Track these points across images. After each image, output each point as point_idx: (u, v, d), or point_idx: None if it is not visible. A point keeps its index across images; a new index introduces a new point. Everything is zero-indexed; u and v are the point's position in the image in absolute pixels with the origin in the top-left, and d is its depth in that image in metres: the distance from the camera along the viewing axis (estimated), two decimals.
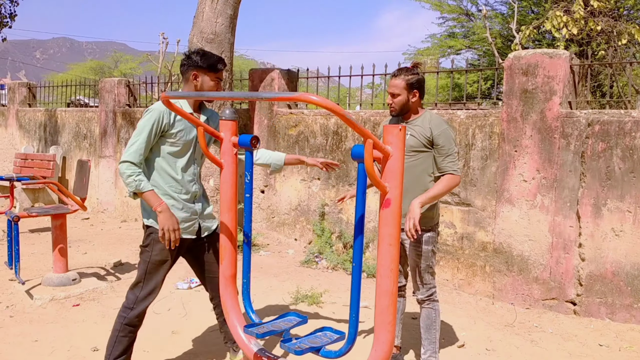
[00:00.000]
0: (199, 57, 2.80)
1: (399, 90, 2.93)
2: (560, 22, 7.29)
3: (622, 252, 4.03)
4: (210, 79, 2.81)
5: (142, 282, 2.80)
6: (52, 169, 8.24)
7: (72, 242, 6.06)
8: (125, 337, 2.81)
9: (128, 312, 2.79)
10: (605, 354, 3.54)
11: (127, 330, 2.81)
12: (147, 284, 2.80)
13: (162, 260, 2.78)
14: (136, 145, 2.68)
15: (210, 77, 2.81)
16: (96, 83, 8.79)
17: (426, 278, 3.03)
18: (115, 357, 2.80)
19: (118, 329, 2.81)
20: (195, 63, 2.79)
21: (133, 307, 2.79)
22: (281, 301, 4.31)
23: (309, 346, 2.00)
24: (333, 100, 8.43)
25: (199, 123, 2.36)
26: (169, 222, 2.66)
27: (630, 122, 4.00)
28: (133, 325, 2.81)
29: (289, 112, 6.31)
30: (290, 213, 6.26)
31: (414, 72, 2.95)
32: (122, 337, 2.81)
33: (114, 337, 2.81)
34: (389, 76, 2.98)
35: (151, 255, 2.79)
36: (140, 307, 2.80)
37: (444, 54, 13.90)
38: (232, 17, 5.86)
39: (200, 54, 2.82)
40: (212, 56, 2.83)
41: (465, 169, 4.80)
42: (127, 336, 2.81)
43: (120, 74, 22.02)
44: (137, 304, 2.79)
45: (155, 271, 2.80)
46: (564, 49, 7.26)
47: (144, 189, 2.65)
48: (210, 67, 2.80)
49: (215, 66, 2.81)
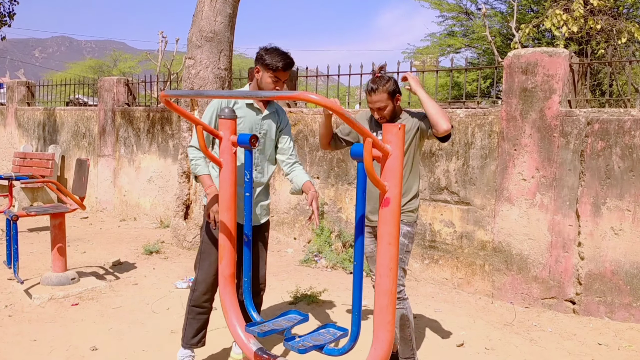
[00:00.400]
0: (265, 52, 2.84)
1: (384, 102, 2.89)
2: (559, 20, 7.29)
3: (622, 251, 4.02)
4: (269, 75, 2.82)
5: (198, 262, 2.93)
6: (50, 168, 8.23)
7: (71, 241, 6.05)
8: (194, 320, 2.94)
9: (192, 294, 2.92)
10: (605, 352, 3.54)
11: (195, 312, 2.93)
12: (203, 264, 2.91)
13: (213, 239, 2.87)
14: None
15: (269, 74, 2.82)
16: (95, 82, 8.78)
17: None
18: (189, 339, 2.93)
19: (187, 311, 2.95)
20: (260, 57, 2.85)
21: (195, 288, 2.91)
22: (280, 300, 4.31)
23: (313, 344, 2.00)
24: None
25: (198, 122, 2.35)
26: (213, 203, 2.78)
27: (630, 120, 4.00)
28: (199, 306, 2.92)
29: (288, 110, 6.30)
30: (290, 212, 6.26)
31: (386, 78, 2.91)
32: (192, 320, 2.94)
33: (185, 320, 2.96)
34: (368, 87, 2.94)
35: (205, 235, 2.92)
36: (200, 287, 2.90)
37: (443, 53, 13.89)
38: (231, 16, 5.85)
39: (267, 49, 2.85)
40: (277, 55, 2.82)
41: (465, 168, 4.80)
42: (195, 318, 2.93)
43: (119, 72, 21.98)
44: (197, 285, 2.91)
45: (207, 250, 2.90)
46: (563, 47, 7.26)
47: (198, 172, 2.84)
48: (269, 65, 2.80)
49: (275, 65, 2.80)
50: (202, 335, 2.97)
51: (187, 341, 2.95)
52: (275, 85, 2.86)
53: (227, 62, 5.91)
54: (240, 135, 2.34)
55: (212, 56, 5.77)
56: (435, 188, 4.97)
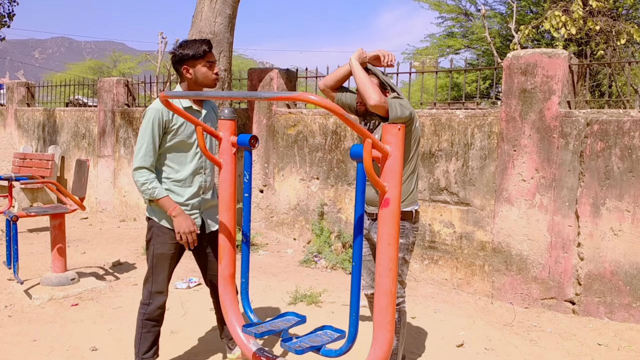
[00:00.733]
0: (183, 49, 2.76)
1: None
2: (559, 21, 7.29)
3: (621, 251, 4.03)
4: (202, 65, 2.76)
5: (150, 276, 2.85)
6: (50, 168, 8.23)
7: (70, 241, 6.06)
8: (149, 333, 2.86)
9: (146, 308, 2.84)
10: (604, 353, 3.55)
11: (149, 325, 2.85)
12: (156, 278, 2.83)
13: (165, 254, 2.80)
14: (143, 148, 2.70)
15: (201, 64, 2.76)
16: (95, 83, 8.78)
17: None
18: (144, 353, 2.85)
19: (140, 325, 2.86)
20: (182, 56, 2.75)
21: (149, 302, 2.84)
22: (280, 301, 4.31)
23: (310, 345, 2.00)
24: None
25: (197, 122, 2.35)
26: (184, 224, 2.69)
27: (629, 121, 4.01)
28: (154, 319, 2.86)
29: (288, 111, 6.31)
30: (289, 212, 6.26)
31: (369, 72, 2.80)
32: (146, 334, 2.86)
33: (139, 334, 2.86)
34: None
35: (154, 249, 2.82)
36: (156, 300, 2.84)
37: (442, 54, 13.90)
38: (230, 17, 5.86)
39: (182, 45, 2.77)
40: (195, 43, 2.77)
41: (464, 169, 4.80)
42: (150, 331, 2.86)
43: (119, 73, 21.99)
44: (152, 298, 2.83)
45: (160, 264, 2.82)
46: (562, 48, 7.27)
47: (158, 196, 2.69)
48: (196, 55, 2.74)
49: (201, 51, 2.75)
50: (156, 347, 2.91)
51: (142, 356, 2.87)
52: (213, 71, 2.80)
53: (227, 62, 5.92)
54: (240, 136, 2.34)
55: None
56: (435, 189, 4.98)
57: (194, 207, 2.85)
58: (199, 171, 2.87)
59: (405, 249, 2.80)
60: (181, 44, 2.79)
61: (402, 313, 2.86)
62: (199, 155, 2.85)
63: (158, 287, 2.83)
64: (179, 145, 2.79)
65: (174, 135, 2.76)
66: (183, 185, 2.81)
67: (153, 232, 2.81)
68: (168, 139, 2.76)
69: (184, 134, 2.78)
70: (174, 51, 2.80)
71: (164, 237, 2.79)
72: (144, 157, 2.69)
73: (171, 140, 2.77)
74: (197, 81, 2.80)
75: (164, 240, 2.79)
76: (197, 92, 2.30)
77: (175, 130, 2.76)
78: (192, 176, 2.84)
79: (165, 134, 2.76)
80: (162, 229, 2.79)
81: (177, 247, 2.84)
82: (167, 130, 2.75)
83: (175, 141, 2.77)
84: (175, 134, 2.76)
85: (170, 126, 2.75)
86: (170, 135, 2.76)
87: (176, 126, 2.76)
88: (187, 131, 2.79)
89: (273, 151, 6.41)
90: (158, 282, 2.83)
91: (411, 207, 2.80)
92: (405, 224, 2.79)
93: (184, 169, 2.82)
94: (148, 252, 2.86)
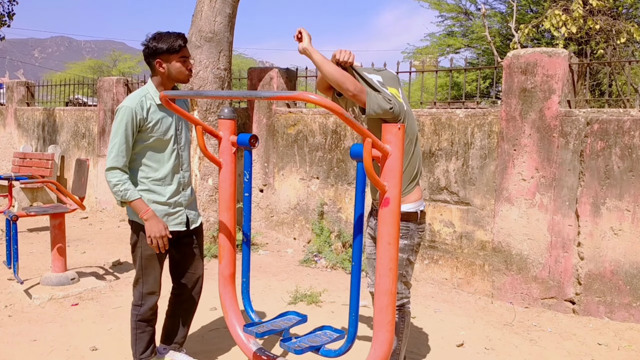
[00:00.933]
0: (157, 42, 2.66)
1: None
2: (559, 20, 7.29)
3: (621, 251, 4.03)
4: (176, 60, 2.67)
5: (141, 277, 2.81)
6: (50, 168, 8.23)
7: (70, 241, 6.05)
8: (143, 333, 2.84)
9: (138, 309, 2.82)
10: (604, 352, 3.55)
11: (143, 325, 2.83)
12: (147, 279, 2.80)
13: (153, 254, 2.77)
14: (116, 148, 2.61)
15: (175, 59, 2.67)
16: (95, 82, 8.78)
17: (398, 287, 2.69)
18: (141, 354, 2.84)
19: (134, 327, 2.83)
20: (155, 50, 2.66)
21: (141, 303, 2.82)
22: (280, 300, 4.31)
23: (309, 345, 2.00)
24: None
25: (197, 122, 2.35)
26: (156, 228, 2.62)
27: (629, 121, 4.01)
28: (147, 320, 2.83)
29: (288, 111, 6.30)
30: (289, 212, 6.26)
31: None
32: (141, 334, 2.84)
33: (133, 336, 2.84)
34: None
35: (142, 251, 2.77)
36: (149, 301, 2.81)
37: (442, 53, 13.89)
38: (230, 16, 5.85)
39: (156, 38, 2.67)
40: (170, 36, 2.67)
41: (464, 168, 4.80)
42: (144, 331, 2.84)
43: (119, 72, 21.98)
44: (144, 300, 2.81)
45: (150, 265, 2.79)
46: (562, 47, 7.26)
47: (130, 197, 2.61)
48: (170, 49, 2.65)
49: (176, 46, 2.65)
50: (153, 347, 2.89)
51: (139, 356, 2.85)
52: (187, 66, 2.70)
53: (227, 62, 5.91)
54: (240, 135, 2.34)
55: (211, 56, 5.78)
56: (435, 188, 4.98)
57: (177, 204, 2.80)
58: (178, 168, 2.81)
59: (410, 249, 2.71)
60: (155, 37, 2.68)
61: (406, 314, 2.79)
62: (176, 153, 2.78)
63: (149, 287, 2.80)
64: (156, 143, 2.71)
65: (150, 134, 2.68)
66: (163, 183, 2.75)
67: (139, 235, 2.75)
68: (144, 138, 2.68)
69: (159, 131, 2.70)
70: (146, 43, 2.69)
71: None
72: (117, 157, 2.61)
73: (147, 139, 2.69)
74: (170, 76, 2.71)
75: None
76: (196, 92, 2.30)
77: (151, 128, 2.68)
78: (172, 174, 2.78)
79: (140, 132, 2.67)
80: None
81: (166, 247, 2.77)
82: (142, 128, 2.67)
83: (151, 140, 2.70)
84: (150, 132, 2.68)
85: (145, 124, 2.66)
86: (146, 133, 2.68)
87: (151, 124, 2.67)
88: (162, 128, 2.71)
89: (273, 150, 6.41)
90: (149, 283, 2.80)
91: (416, 207, 2.70)
92: (410, 224, 2.68)
93: (162, 167, 2.75)
94: (135, 254, 2.81)
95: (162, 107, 2.71)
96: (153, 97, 2.70)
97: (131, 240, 2.82)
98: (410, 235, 2.70)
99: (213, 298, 3.92)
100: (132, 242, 2.82)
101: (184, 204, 2.84)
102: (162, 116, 2.71)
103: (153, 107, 2.69)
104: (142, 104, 2.67)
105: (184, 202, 2.83)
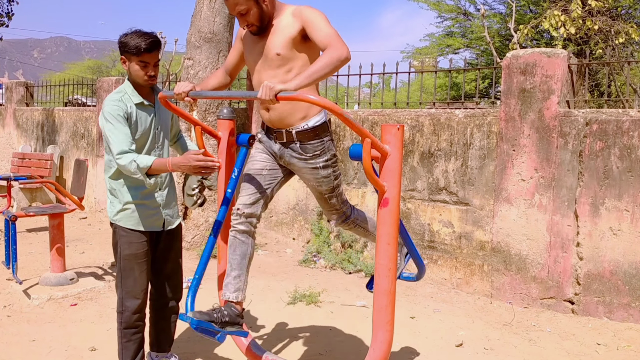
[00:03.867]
0: (125, 37, 2.52)
1: (243, 4, 2.26)
2: (558, 21, 7.29)
3: (620, 251, 4.03)
4: (135, 63, 2.51)
5: (119, 280, 2.70)
6: (49, 168, 8.22)
7: (69, 241, 6.05)
8: (129, 342, 2.69)
9: (121, 316, 2.69)
10: (604, 352, 3.55)
11: (129, 333, 2.69)
12: (126, 282, 2.67)
13: (132, 254, 2.65)
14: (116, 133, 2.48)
15: (135, 61, 2.51)
16: (94, 82, 8.78)
17: (334, 203, 2.56)
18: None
19: (120, 335, 2.71)
20: (120, 46, 2.53)
21: (122, 309, 2.68)
22: (279, 300, 4.31)
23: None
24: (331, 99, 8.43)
25: (197, 122, 2.35)
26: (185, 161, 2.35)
27: (628, 121, 4.01)
28: (133, 327, 2.69)
29: None
30: (288, 212, 6.26)
31: None
32: (127, 343, 2.69)
33: (120, 345, 2.71)
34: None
35: (120, 252, 2.67)
36: (130, 305, 2.66)
37: (442, 53, 13.90)
38: (230, 16, 5.85)
39: (128, 34, 2.53)
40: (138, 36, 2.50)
41: (464, 168, 4.80)
42: (131, 340, 2.69)
43: (118, 73, 21.98)
44: (124, 305, 2.67)
45: (129, 266, 2.66)
46: (561, 48, 7.27)
47: (147, 164, 2.42)
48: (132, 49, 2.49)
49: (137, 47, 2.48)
50: (141, 355, 2.75)
51: None
52: (145, 72, 2.53)
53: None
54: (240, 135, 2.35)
55: (210, 57, 5.78)
56: (434, 188, 4.98)
57: (154, 204, 2.70)
58: None
59: (334, 165, 2.51)
60: (127, 33, 2.54)
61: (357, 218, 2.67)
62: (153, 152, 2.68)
63: (129, 290, 2.66)
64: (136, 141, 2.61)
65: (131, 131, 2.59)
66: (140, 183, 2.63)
67: (118, 234, 2.67)
68: None
69: (138, 132, 2.61)
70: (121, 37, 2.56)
71: (129, 237, 2.64)
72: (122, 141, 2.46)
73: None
74: (130, 77, 2.60)
75: (131, 240, 2.64)
76: (195, 92, 2.30)
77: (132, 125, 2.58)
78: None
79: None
80: (126, 230, 2.65)
81: (145, 247, 2.68)
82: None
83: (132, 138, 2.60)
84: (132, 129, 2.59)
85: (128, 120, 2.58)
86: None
87: (132, 122, 2.59)
88: (141, 128, 2.61)
89: None
90: (128, 286, 2.66)
91: (322, 117, 2.44)
92: (324, 138, 2.46)
93: None
94: (116, 256, 2.71)
95: (140, 107, 2.62)
96: (130, 97, 2.60)
97: (112, 242, 2.73)
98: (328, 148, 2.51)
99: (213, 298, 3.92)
100: (113, 244, 2.73)
101: (161, 204, 2.73)
102: (141, 115, 2.62)
103: (132, 108, 2.59)
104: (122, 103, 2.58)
105: (161, 202, 2.73)
